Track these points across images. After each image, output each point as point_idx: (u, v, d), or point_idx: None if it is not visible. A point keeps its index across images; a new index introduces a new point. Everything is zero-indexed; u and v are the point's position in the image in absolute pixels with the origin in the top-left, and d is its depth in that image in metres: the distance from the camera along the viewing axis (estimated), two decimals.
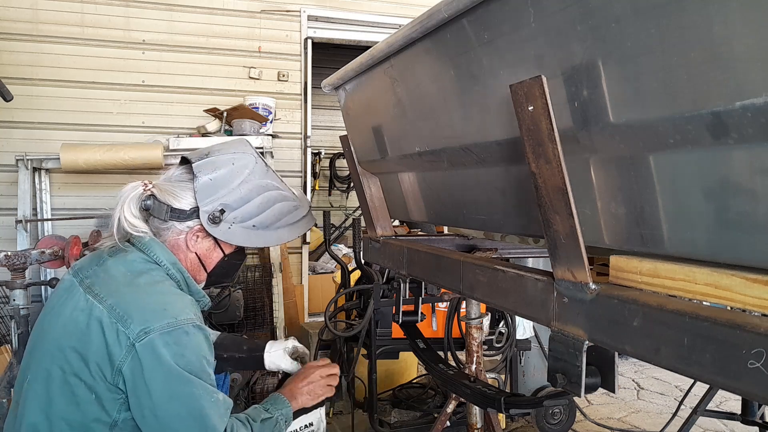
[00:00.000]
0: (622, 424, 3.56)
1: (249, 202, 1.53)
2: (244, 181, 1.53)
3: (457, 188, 1.52)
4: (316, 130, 5.62)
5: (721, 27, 0.70)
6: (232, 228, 1.51)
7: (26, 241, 3.94)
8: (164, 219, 1.48)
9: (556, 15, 0.92)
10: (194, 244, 1.52)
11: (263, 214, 1.56)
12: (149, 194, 1.49)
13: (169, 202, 1.48)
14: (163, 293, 1.38)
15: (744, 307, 0.78)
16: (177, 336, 1.30)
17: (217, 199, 1.49)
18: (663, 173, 0.86)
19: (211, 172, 1.50)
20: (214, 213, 1.48)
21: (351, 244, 4.23)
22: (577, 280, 0.98)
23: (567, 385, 1.03)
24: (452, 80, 1.28)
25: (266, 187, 1.57)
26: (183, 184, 1.51)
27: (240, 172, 1.53)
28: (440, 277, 1.57)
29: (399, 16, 4.98)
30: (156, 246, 1.46)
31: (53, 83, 4.24)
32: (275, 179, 1.62)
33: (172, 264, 1.46)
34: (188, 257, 1.53)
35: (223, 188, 1.49)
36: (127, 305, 1.31)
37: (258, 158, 1.60)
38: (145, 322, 1.28)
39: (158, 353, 1.27)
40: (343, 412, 3.57)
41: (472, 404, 2.18)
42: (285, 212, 1.62)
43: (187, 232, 1.50)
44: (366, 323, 2.59)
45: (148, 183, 1.51)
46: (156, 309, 1.32)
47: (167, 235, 1.50)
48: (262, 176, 1.57)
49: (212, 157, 1.52)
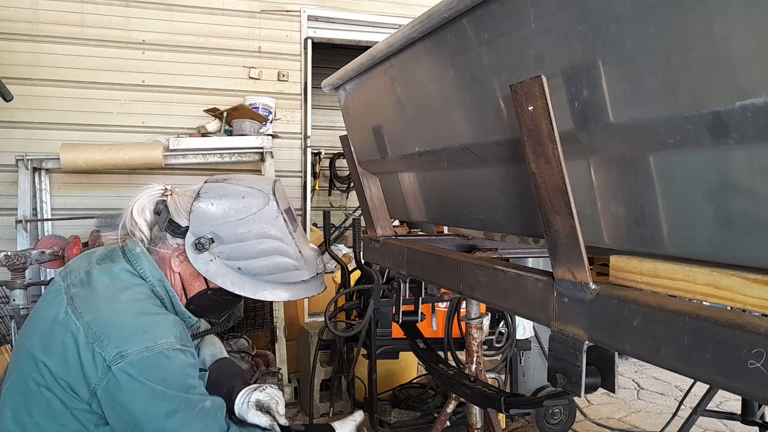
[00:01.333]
0: (622, 424, 3.56)
1: (243, 242, 1.42)
2: (246, 220, 1.42)
3: (457, 188, 1.52)
4: (316, 130, 5.62)
5: (721, 27, 0.70)
6: (213, 261, 1.41)
7: (26, 241, 3.93)
8: (161, 228, 1.43)
9: (556, 15, 0.92)
10: (177, 265, 1.44)
11: (254, 261, 1.43)
12: (163, 199, 1.45)
13: (171, 212, 1.44)
14: (144, 313, 1.32)
15: (744, 307, 0.78)
16: (156, 360, 1.25)
17: (209, 227, 1.40)
18: (663, 173, 0.86)
19: (215, 198, 1.42)
20: (201, 240, 1.39)
21: (351, 244, 4.23)
22: (577, 280, 0.98)
23: (567, 385, 1.03)
24: (452, 80, 1.28)
25: (267, 235, 1.44)
26: (188, 200, 1.45)
27: (246, 208, 1.42)
28: (440, 277, 1.57)
29: (399, 16, 4.98)
30: (145, 260, 1.40)
31: (53, 83, 4.24)
32: (283, 231, 1.46)
33: (159, 281, 1.40)
34: (173, 276, 1.46)
35: (221, 218, 1.40)
36: (105, 324, 1.26)
37: (272, 201, 1.45)
38: (122, 345, 1.24)
39: (135, 377, 1.23)
40: (343, 412, 3.57)
41: (472, 404, 2.18)
42: (280, 268, 1.47)
43: (173, 249, 1.43)
44: (366, 323, 2.59)
45: (168, 188, 1.48)
46: (134, 330, 1.27)
47: (159, 246, 1.44)
48: (269, 222, 1.44)
49: (225, 184, 1.46)
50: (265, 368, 3.44)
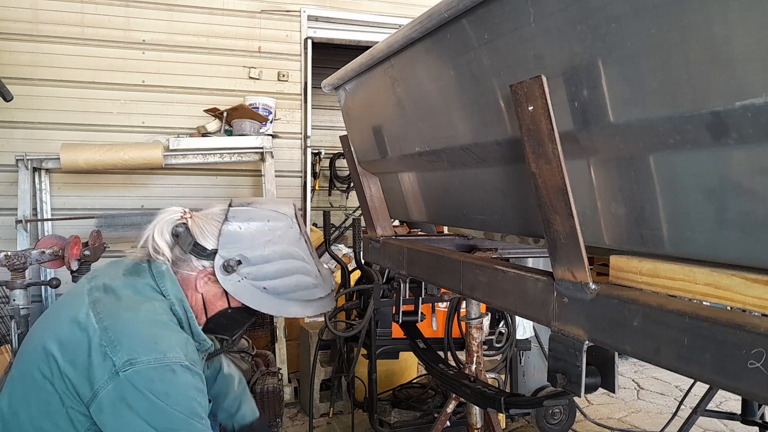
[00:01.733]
0: (622, 424, 3.56)
1: (269, 263, 1.48)
2: (271, 242, 1.49)
3: (457, 188, 1.52)
4: (316, 130, 5.62)
5: (721, 27, 0.70)
6: (241, 282, 1.47)
7: (26, 241, 3.94)
8: (185, 250, 1.47)
9: (556, 15, 0.92)
10: (202, 286, 1.49)
11: (278, 280, 1.50)
12: (182, 222, 1.48)
13: (195, 235, 1.47)
14: (159, 326, 1.35)
15: (744, 307, 0.78)
16: (162, 373, 1.26)
17: (237, 249, 1.46)
18: (663, 173, 0.86)
19: (243, 222, 1.48)
20: (230, 262, 1.45)
21: (351, 244, 4.23)
22: (577, 280, 0.98)
23: (567, 385, 1.03)
24: (452, 80, 1.28)
25: (291, 255, 1.52)
26: (214, 224, 1.49)
27: (271, 231, 1.49)
28: (440, 277, 1.57)
29: (399, 16, 4.98)
30: (168, 278, 1.45)
31: (53, 83, 4.24)
32: (305, 250, 1.56)
33: (179, 300, 1.44)
34: (194, 297, 1.50)
35: (248, 240, 1.47)
36: (120, 330, 1.29)
37: (294, 224, 1.55)
38: (133, 352, 1.26)
39: (140, 387, 1.24)
40: (343, 412, 3.57)
41: (472, 404, 2.18)
42: (302, 286, 1.55)
43: (200, 271, 1.48)
44: (366, 323, 2.59)
45: (187, 211, 1.51)
46: (147, 340, 1.29)
47: (182, 268, 1.48)
48: (292, 243, 1.52)
49: (251, 208, 1.52)
50: (265, 368, 3.44)
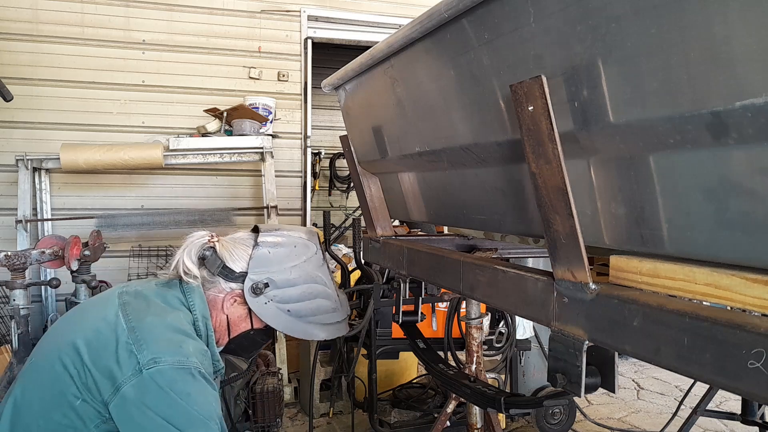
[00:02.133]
0: (622, 424, 3.56)
1: (294, 286, 1.56)
2: (297, 266, 1.57)
3: (457, 188, 1.52)
4: (316, 130, 5.62)
5: (721, 27, 0.70)
6: (268, 304, 1.54)
7: (26, 241, 3.93)
8: (213, 272, 1.52)
9: (556, 15, 0.92)
10: (229, 307, 1.55)
11: (301, 303, 1.58)
12: (210, 246, 1.54)
13: (224, 258, 1.53)
14: (183, 333, 1.39)
15: (744, 307, 0.78)
16: (184, 375, 1.30)
17: (266, 273, 1.53)
18: (663, 173, 0.86)
19: (272, 247, 1.55)
20: (259, 284, 1.52)
21: (351, 244, 4.23)
22: (577, 280, 0.98)
23: (567, 385, 1.03)
24: (452, 80, 1.28)
25: (315, 280, 1.60)
26: (243, 248, 1.55)
27: (297, 256, 1.58)
28: (440, 277, 1.57)
29: (399, 16, 4.98)
30: (197, 295, 1.49)
31: (53, 83, 4.24)
32: (326, 276, 1.65)
33: (203, 317, 1.49)
34: (219, 317, 1.55)
35: (276, 265, 1.54)
36: (147, 332, 1.34)
37: (319, 251, 1.65)
38: (158, 352, 1.29)
39: (162, 385, 1.27)
40: (343, 412, 3.57)
41: (472, 404, 2.18)
42: (322, 310, 1.63)
43: (227, 293, 1.53)
44: (366, 323, 2.59)
45: (214, 236, 1.57)
46: (171, 343, 1.33)
47: (209, 289, 1.53)
48: (316, 268, 1.62)
49: (279, 233, 1.60)
50: (265, 368, 3.44)
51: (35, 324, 3.27)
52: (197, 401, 1.29)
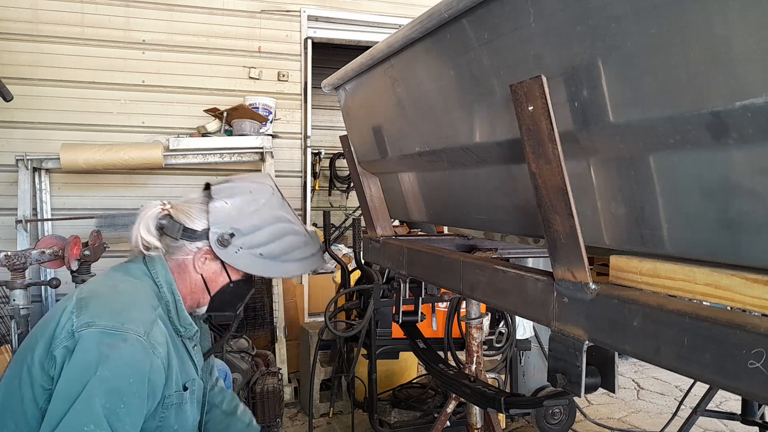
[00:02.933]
0: (622, 424, 3.56)
1: (260, 230, 1.56)
2: (258, 210, 1.57)
3: (457, 188, 1.52)
4: (316, 130, 5.62)
5: (721, 27, 0.70)
6: (239, 253, 1.54)
7: (26, 241, 3.93)
8: (176, 237, 1.52)
9: (556, 15, 0.92)
10: (201, 266, 1.55)
11: (272, 244, 1.58)
12: (165, 214, 1.54)
13: (183, 221, 1.52)
14: (131, 301, 1.39)
15: (744, 307, 0.78)
16: (114, 340, 1.28)
17: (228, 223, 1.53)
18: (663, 173, 0.86)
19: (227, 197, 1.54)
20: (224, 236, 1.51)
21: (351, 244, 4.23)
22: (577, 280, 0.98)
23: (567, 385, 1.03)
24: (452, 80, 1.28)
25: (279, 219, 1.60)
26: (199, 206, 1.55)
27: (255, 200, 1.57)
28: (440, 277, 1.57)
29: (399, 16, 4.98)
30: (159, 263, 1.50)
31: (53, 83, 4.24)
32: (290, 213, 1.65)
33: (167, 284, 1.49)
34: (193, 279, 1.56)
35: (236, 213, 1.54)
36: (92, 300, 1.36)
37: (275, 191, 1.64)
38: (93, 317, 1.30)
39: (86, 346, 1.26)
40: (343, 412, 3.57)
41: (472, 404, 2.18)
42: (294, 246, 1.63)
43: (196, 253, 1.54)
44: (366, 323, 2.59)
45: (166, 203, 1.56)
46: (111, 309, 1.34)
47: (177, 254, 1.54)
48: (277, 208, 1.61)
49: (232, 183, 1.59)
50: (265, 368, 3.44)
51: (35, 324, 3.27)
52: (113, 367, 1.25)
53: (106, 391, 1.24)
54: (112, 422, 1.23)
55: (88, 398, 1.22)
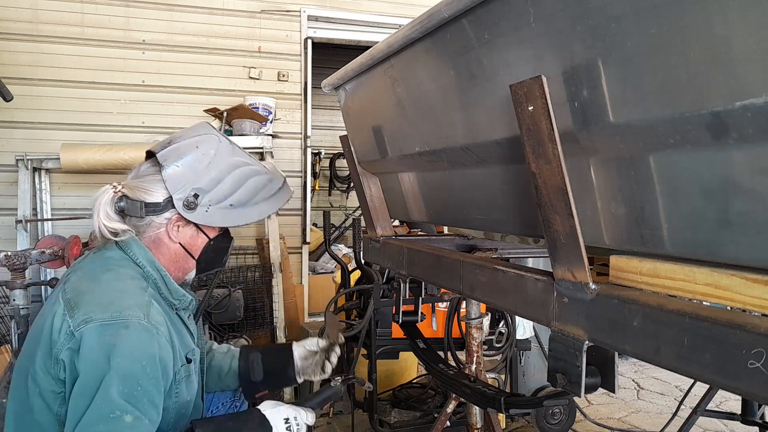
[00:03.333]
0: (622, 424, 3.56)
1: (221, 182, 1.51)
2: (213, 162, 1.50)
3: (457, 188, 1.52)
4: (316, 130, 5.62)
5: (721, 27, 0.70)
6: (209, 211, 1.50)
7: (26, 241, 3.94)
8: (141, 216, 1.47)
9: (556, 15, 0.92)
10: (176, 235, 1.51)
11: (238, 192, 1.54)
12: (120, 195, 1.48)
13: (142, 198, 1.47)
14: (120, 289, 1.37)
15: (744, 307, 0.78)
16: (115, 329, 1.28)
17: (188, 185, 1.47)
18: (663, 173, 0.86)
19: (177, 159, 1.48)
20: (188, 199, 1.47)
21: (351, 244, 4.23)
22: (577, 280, 0.98)
23: (567, 385, 1.03)
24: (452, 80, 1.28)
25: (236, 165, 1.54)
26: (152, 177, 1.49)
27: (206, 153, 1.51)
28: (440, 277, 1.57)
29: (399, 16, 4.98)
30: (134, 244, 1.47)
31: (53, 83, 4.24)
32: (244, 155, 1.59)
33: (150, 262, 1.47)
34: (172, 250, 1.52)
35: (192, 173, 1.48)
36: (80, 298, 1.33)
37: (222, 137, 1.58)
38: (89, 313, 1.29)
39: (91, 343, 1.26)
40: (343, 412, 3.57)
41: (472, 404, 2.18)
42: (260, 186, 1.59)
43: (166, 224, 1.50)
44: (366, 323, 2.59)
45: (116, 184, 1.51)
46: (103, 302, 1.32)
47: (148, 231, 1.50)
48: (230, 154, 1.55)
49: (175, 144, 1.51)
50: None
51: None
52: (121, 352, 1.26)
53: (122, 377, 1.24)
54: (133, 404, 1.24)
55: (106, 389, 1.23)
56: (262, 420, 1.44)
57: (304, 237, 4.89)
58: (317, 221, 6.52)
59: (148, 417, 1.26)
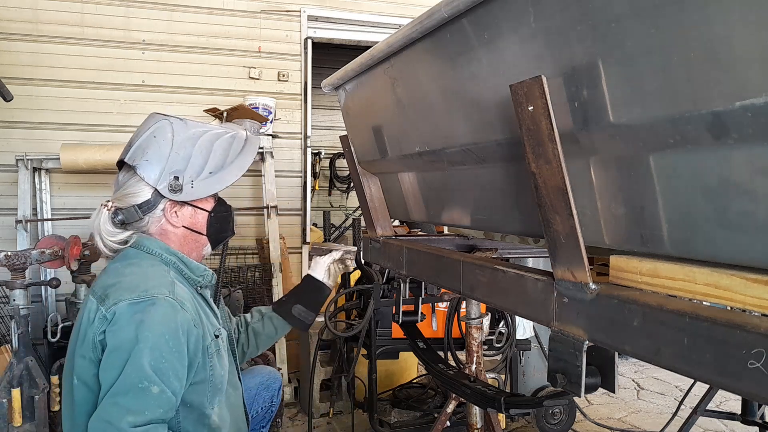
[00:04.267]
0: (622, 424, 3.55)
1: (191, 156, 1.59)
2: (175, 144, 1.58)
3: (457, 188, 1.52)
4: (316, 130, 5.62)
5: (721, 27, 0.70)
6: (194, 186, 1.59)
7: (26, 241, 3.93)
8: (140, 217, 1.57)
9: (556, 15, 0.92)
10: (177, 220, 1.61)
11: (210, 159, 1.61)
12: (114, 210, 1.58)
13: (132, 202, 1.57)
14: (143, 275, 1.48)
15: (744, 307, 0.78)
16: (143, 306, 1.38)
17: (165, 172, 1.56)
18: (663, 173, 0.86)
19: (143, 155, 1.56)
20: (171, 183, 1.56)
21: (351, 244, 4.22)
22: (577, 280, 0.98)
23: (567, 385, 1.03)
24: (452, 80, 1.28)
25: (196, 136, 1.61)
26: (131, 181, 1.59)
27: (164, 138, 1.58)
28: (440, 277, 1.57)
29: (399, 16, 4.98)
30: (144, 240, 1.58)
31: (53, 83, 4.23)
32: (198, 125, 1.66)
33: (164, 249, 1.57)
34: (179, 234, 1.62)
35: (162, 161, 1.56)
36: (109, 290, 1.43)
37: (171, 118, 1.64)
38: (118, 297, 1.40)
39: (121, 320, 1.37)
40: (343, 412, 3.57)
41: (472, 404, 2.18)
42: (227, 146, 1.66)
43: (164, 214, 1.59)
44: (366, 323, 2.59)
45: (107, 202, 1.60)
46: (130, 287, 1.43)
47: (150, 228, 1.60)
48: (185, 129, 1.61)
49: (135, 144, 1.59)
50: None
51: (35, 324, 3.27)
52: (149, 326, 1.36)
53: (149, 350, 1.34)
54: (159, 376, 1.35)
55: (136, 360, 1.33)
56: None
57: (304, 237, 4.88)
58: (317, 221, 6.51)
59: (171, 389, 1.37)
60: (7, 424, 2.61)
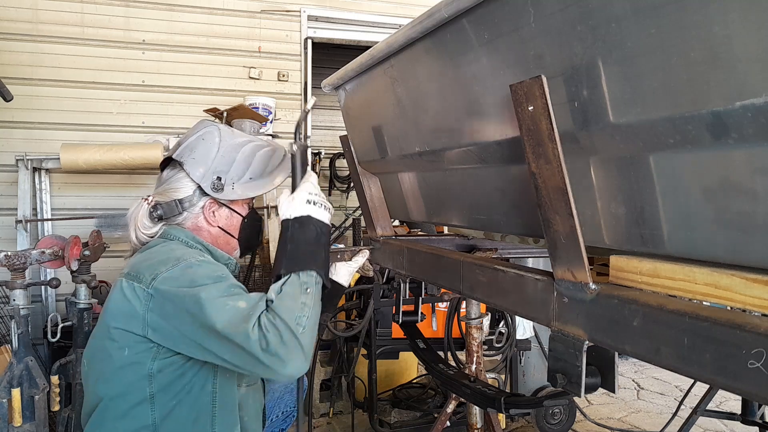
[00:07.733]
0: (622, 424, 3.56)
1: (235, 161, 1.68)
2: (221, 148, 1.66)
3: (457, 188, 1.52)
4: (316, 130, 5.62)
5: (721, 27, 0.70)
6: (234, 188, 1.67)
7: (26, 241, 3.93)
8: (179, 212, 1.64)
9: (556, 15, 0.92)
10: (213, 219, 1.68)
11: (252, 166, 1.71)
12: (154, 204, 1.64)
13: (174, 197, 1.64)
14: (172, 250, 1.53)
15: (744, 307, 0.78)
16: (181, 270, 1.43)
17: (210, 171, 1.64)
18: (663, 173, 0.86)
19: (191, 154, 1.64)
20: (214, 182, 1.64)
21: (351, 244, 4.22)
22: (577, 280, 0.98)
23: (567, 385, 1.03)
24: (452, 80, 1.28)
25: (241, 144, 1.70)
26: (176, 177, 1.66)
27: (212, 142, 1.66)
28: (440, 277, 1.57)
29: (399, 16, 4.98)
30: (173, 230, 1.63)
31: (53, 83, 4.23)
32: (243, 135, 1.76)
33: (191, 238, 1.63)
34: (213, 233, 1.68)
35: (208, 161, 1.64)
36: (140, 266, 1.48)
37: (220, 125, 1.74)
38: (153, 271, 1.44)
39: (169, 290, 1.39)
40: (343, 412, 3.57)
41: (472, 404, 2.18)
42: (267, 157, 1.75)
43: (203, 211, 1.66)
44: (366, 323, 2.59)
45: (147, 197, 1.66)
46: (163, 260, 1.47)
47: (186, 223, 1.66)
48: (232, 137, 1.71)
49: (184, 144, 1.68)
50: None
51: (35, 324, 3.27)
52: (198, 274, 1.41)
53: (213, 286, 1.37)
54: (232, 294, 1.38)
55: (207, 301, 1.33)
56: None
57: None
58: None
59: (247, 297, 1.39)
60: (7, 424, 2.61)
